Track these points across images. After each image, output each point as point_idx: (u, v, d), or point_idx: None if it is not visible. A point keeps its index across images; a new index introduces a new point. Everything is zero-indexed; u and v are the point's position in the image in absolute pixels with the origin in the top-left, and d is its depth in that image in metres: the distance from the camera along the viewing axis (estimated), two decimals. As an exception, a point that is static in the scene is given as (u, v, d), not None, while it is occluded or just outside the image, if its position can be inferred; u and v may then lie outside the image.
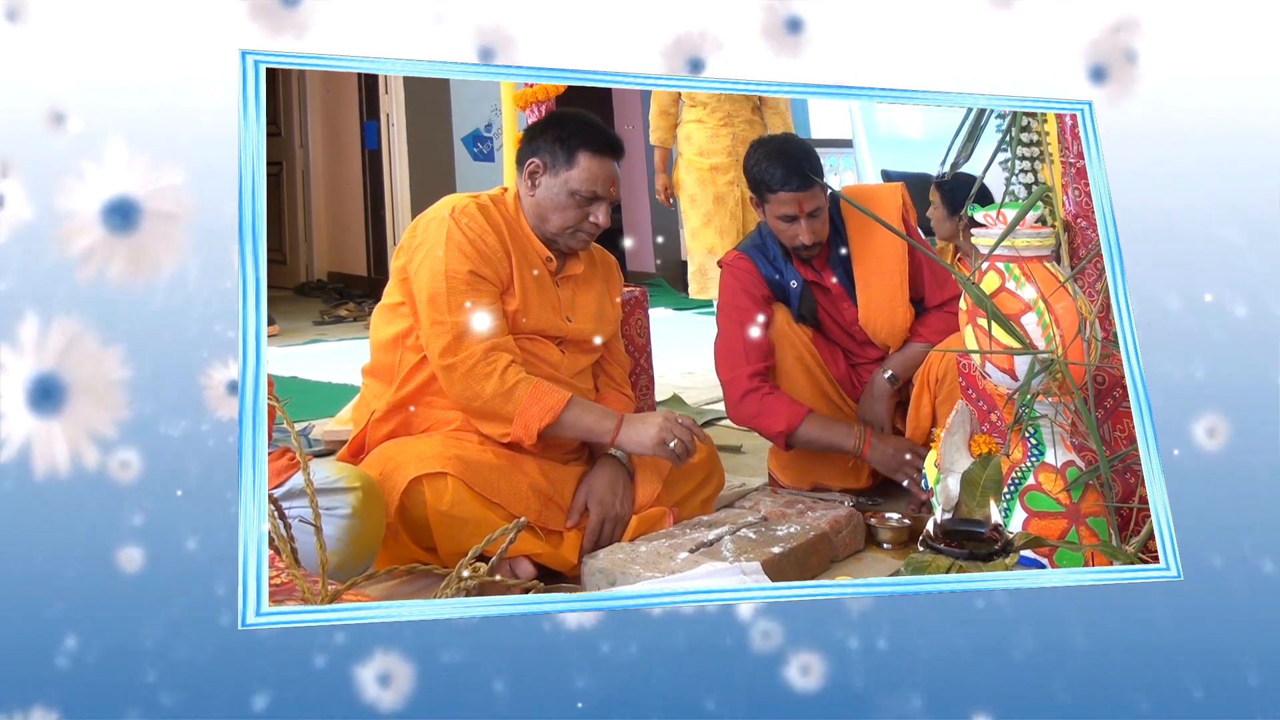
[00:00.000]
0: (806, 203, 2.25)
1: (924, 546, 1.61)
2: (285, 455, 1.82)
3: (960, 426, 1.87)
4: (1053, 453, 1.75)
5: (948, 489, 1.82)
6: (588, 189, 2.01)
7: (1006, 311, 1.70)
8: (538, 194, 2.04)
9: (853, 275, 2.38)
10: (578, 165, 2.01)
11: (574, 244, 2.07)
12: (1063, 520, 1.71)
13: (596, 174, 2.01)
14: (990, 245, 1.72)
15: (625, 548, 1.94)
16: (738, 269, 2.39)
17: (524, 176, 2.05)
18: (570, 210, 2.02)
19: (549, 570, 1.94)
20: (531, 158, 2.04)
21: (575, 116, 2.07)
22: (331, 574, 1.49)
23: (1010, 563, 1.57)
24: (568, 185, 2.01)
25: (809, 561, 1.97)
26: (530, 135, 2.08)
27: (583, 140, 2.02)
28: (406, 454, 1.91)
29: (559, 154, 2.02)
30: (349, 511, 1.72)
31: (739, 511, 2.16)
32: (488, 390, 1.92)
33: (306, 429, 2.87)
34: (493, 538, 1.55)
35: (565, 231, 2.05)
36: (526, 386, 1.94)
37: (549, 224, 2.04)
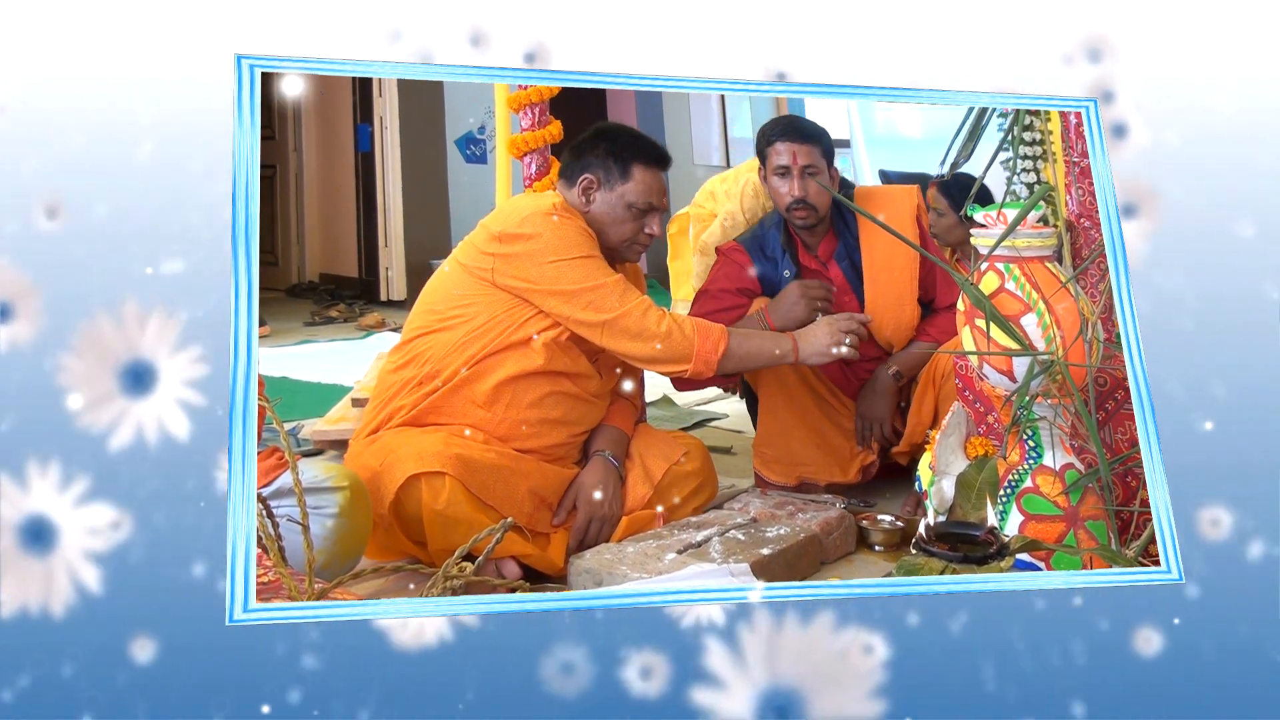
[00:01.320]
0: (801, 156, 2.28)
1: (917, 549, 1.60)
2: (274, 454, 1.81)
3: (956, 428, 1.85)
4: (1051, 455, 1.73)
5: (942, 491, 1.81)
6: (644, 201, 2.06)
7: (1006, 312, 1.69)
8: (594, 209, 2.07)
9: (860, 271, 2.38)
10: (633, 178, 2.06)
11: (630, 256, 2.12)
12: (1061, 523, 1.70)
13: (651, 185, 2.07)
14: (990, 245, 1.71)
15: (612, 548, 1.93)
16: (731, 258, 2.41)
17: (576, 192, 2.08)
18: (628, 223, 2.07)
19: (536, 572, 1.93)
20: (585, 174, 2.07)
21: (623, 130, 2.13)
22: (318, 572, 1.49)
23: (1005, 566, 1.56)
24: (624, 198, 2.05)
25: (799, 563, 1.96)
26: (579, 151, 2.11)
27: (635, 153, 2.07)
28: (408, 449, 1.90)
29: (613, 168, 2.06)
30: (336, 511, 1.73)
31: (728, 513, 2.14)
32: (663, 328, 1.98)
33: (296, 428, 2.85)
34: (479, 537, 1.56)
35: (624, 244, 2.09)
36: (690, 323, 2.02)
37: (608, 237, 2.07)
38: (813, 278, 2.36)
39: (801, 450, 2.37)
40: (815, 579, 1.97)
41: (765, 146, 2.33)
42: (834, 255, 2.39)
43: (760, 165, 2.37)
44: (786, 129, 2.30)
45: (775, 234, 2.39)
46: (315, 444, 2.72)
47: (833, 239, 2.38)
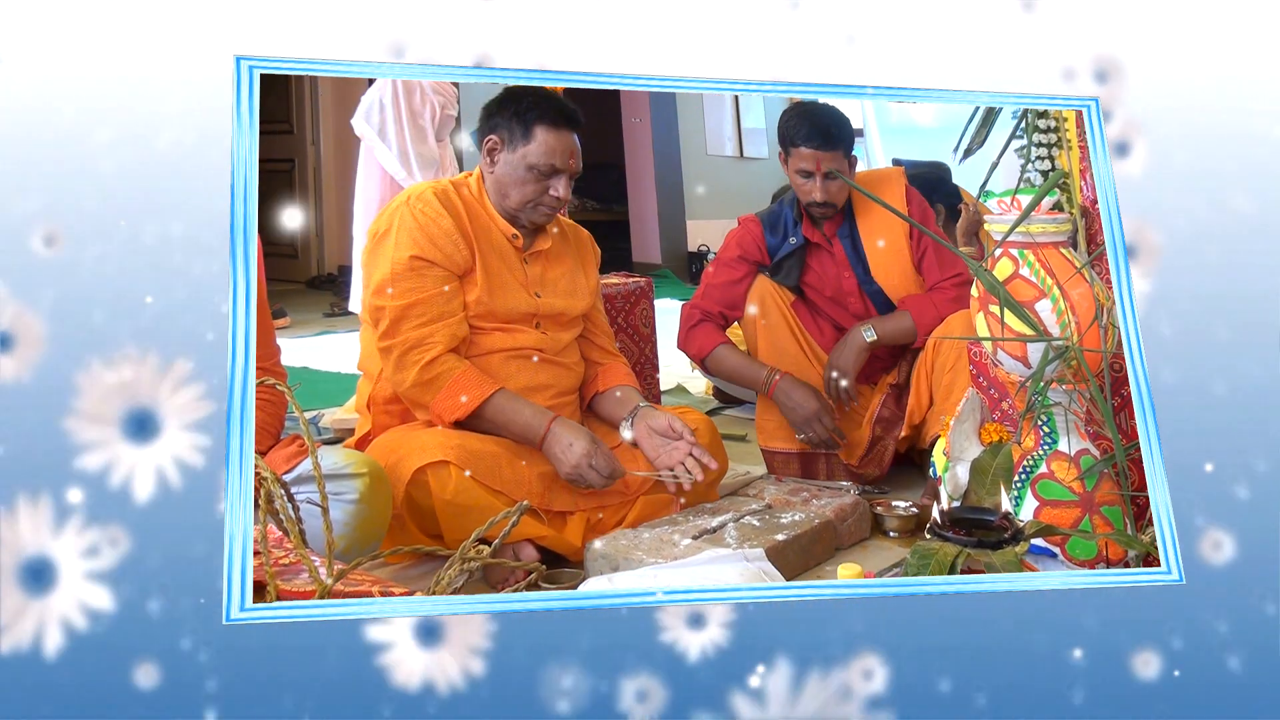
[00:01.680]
0: (825, 162, 2.32)
1: (931, 534, 1.60)
2: (295, 442, 1.83)
3: (970, 414, 1.86)
4: (1066, 441, 1.73)
5: (956, 477, 1.81)
6: (546, 162, 2.01)
7: (1020, 298, 1.68)
8: (497, 170, 2.04)
9: (860, 249, 2.43)
10: (535, 139, 2.00)
11: (536, 218, 2.07)
12: (1076, 509, 1.70)
13: (554, 147, 2.01)
14: (1004, 231, 1.71)
15: (628, 534, 1.94)
16: (747, 229, 2.50)
17: (484, 154, 2.06)
18: (529, 185, 2.02)
19: (552, 554, 1.95)
20: (490, 135, 2.04)
21: (531, 91, 2.04)
22: (338, 556, 1.50)
23: (1020, 551, 1.56)
24: (525, 160, 2.01)
25: (814, 549, 1.97)
26: (488, 113, 2.07)
27: (539, 114, 2.00)
28: (410, 445, 1.92)
29: (516, 129, 2.02)
30: (356, 497, 1.73)
31: (743, 499, 2.15)
32: (410, 378, 1.94)
33: (316, 417, 2.90)
34: (495, 520, 1.57)
35: (526, 206, 2.04)
36: (447, 379, 1.95)
37: (509, 199, 2.04)
38: (818, 251, 2.45)
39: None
40: (829, 564, 1.98)
41: (789, 144, 2.35)
42: (838, 233, 2.45)
43: (782, 151, 2.39)
44: (811, 134, 2.31)
45: (789, 210, 2.46)
46: (335, 432, 2.75)
47: (839, 218, 2.44)
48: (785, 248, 2.45)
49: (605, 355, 2.23)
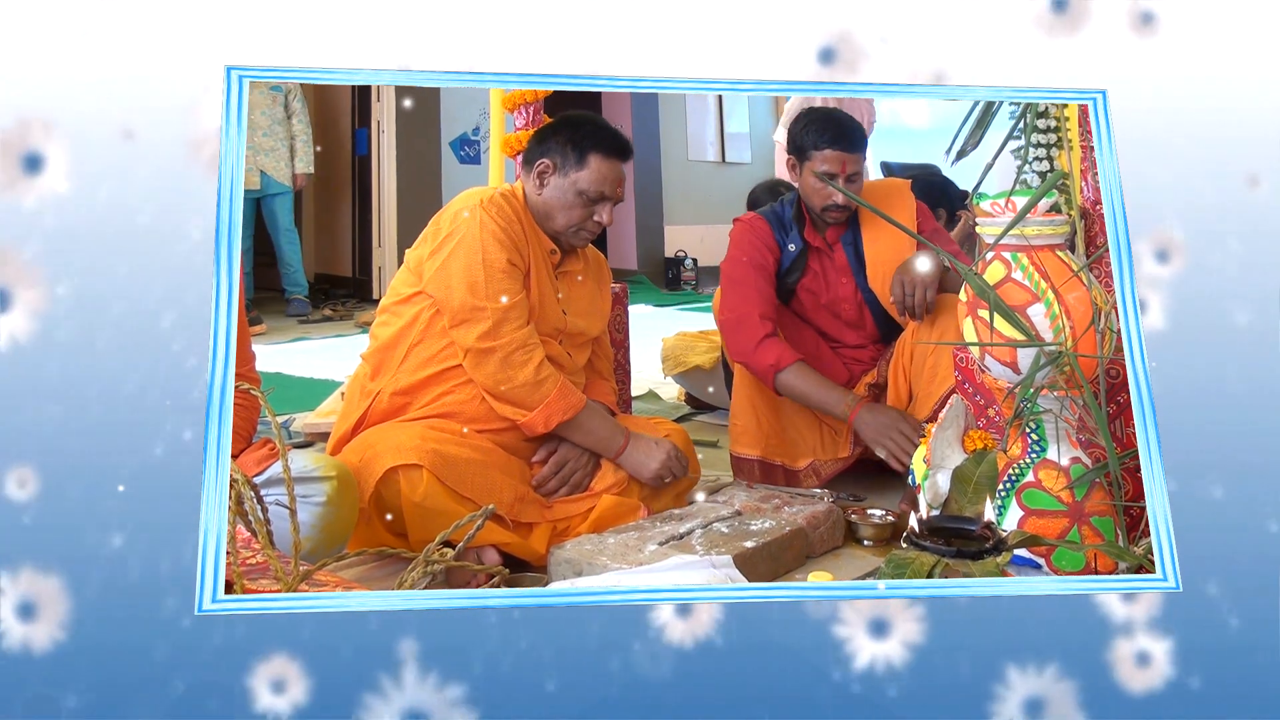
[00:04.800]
0: (849, 165, 2.34)
1: (908, 543, 1.56)
2: (267, 445, 1.84)
3: (954, 421, 1.82)
4: (1056, 449, 1.70)
5: (936, 485, 1.77)
6: (596, 189, 2.08)
7: (1012, 302, 1.65)
8: (545, 193, 2.10)
9: (861, 256, 2.44)
10: (588, 166, 2.08)
11: (576, 242, 2.14)
12: (1064, 519, 1.66)
13: (605, 175, 2.09)
14: (996, 234, 1.68)
15: (593, 539, 1.91)
16: (754, 226, 2.48)
17: (533, 176, 2.12)
18: (576, 209, 2.09)
19: (516, 560, 1.95)
20: (542, 158, 2.11)
21: (588, 119, 2.15)
22: (304, 557, 1.52)
23: (1003, 561, 1.52)
24: (576, 185, 2.08)
25: (784, 556, 1.94)
26: (541, 137, 2.14)
27: (595, 142, 2.09)
28: (386, 443, 1.94)
29: (570, 155, 2.09)
30: (324, 500, 1.76)
31: (712, 505, 2.11)
32: (520, 378, 2.00)
33: (288, 421, 2.93)
34: (459, 524, 1.58)
35: (569, 229, 2.11)
36: (555, 382, 2.03)
37: (554, 222, 2.10)
38: (819, 255, 2.45)
39: (769, 426, 2.43)
40: (799, 572, 1.96)
41: (811, 148, 2.35)
42: (841, 239, 2.45)
43: (794, 157, 2.40)
44: (837, 137, 2.32)
45: (789, 209, 2.47)
46: (306, 436, 2.77)
47: (843, 224, 2.45)
48: (786, 254, 2.45)
49: (597, 377, 2.28)
